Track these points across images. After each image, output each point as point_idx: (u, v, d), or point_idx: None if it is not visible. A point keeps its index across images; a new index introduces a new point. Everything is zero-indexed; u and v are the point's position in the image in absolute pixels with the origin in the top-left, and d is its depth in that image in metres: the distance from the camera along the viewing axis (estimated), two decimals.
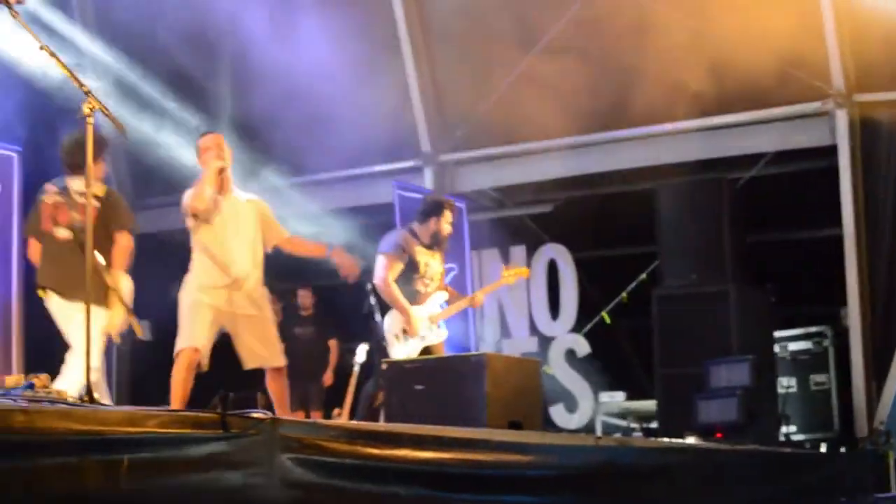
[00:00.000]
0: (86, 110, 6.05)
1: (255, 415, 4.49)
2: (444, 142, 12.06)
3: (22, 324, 9.97)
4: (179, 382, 7.34)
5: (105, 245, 7.38)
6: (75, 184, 7.35)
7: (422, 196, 10.20)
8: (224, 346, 7.74)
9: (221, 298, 7.50)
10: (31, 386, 5.82)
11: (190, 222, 7.60)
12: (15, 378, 6.61)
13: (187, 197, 7.57)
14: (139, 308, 7.67)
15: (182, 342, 7.43)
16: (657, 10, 10.52)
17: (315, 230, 11.24)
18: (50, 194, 7.43)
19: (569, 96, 10.92)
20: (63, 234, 7.41)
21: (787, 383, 10.28)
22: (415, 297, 8.66)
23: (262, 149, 11.55)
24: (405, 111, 11.99)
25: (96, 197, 7.26)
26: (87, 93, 6.06)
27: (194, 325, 7.44)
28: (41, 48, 6.00)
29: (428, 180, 11.95)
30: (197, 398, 10.26)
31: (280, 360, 7.68)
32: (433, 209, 8.88)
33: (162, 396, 7.67)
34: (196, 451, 4.25)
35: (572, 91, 10.90)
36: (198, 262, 7.59)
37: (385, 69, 11.88)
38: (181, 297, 7.57)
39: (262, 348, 7.63)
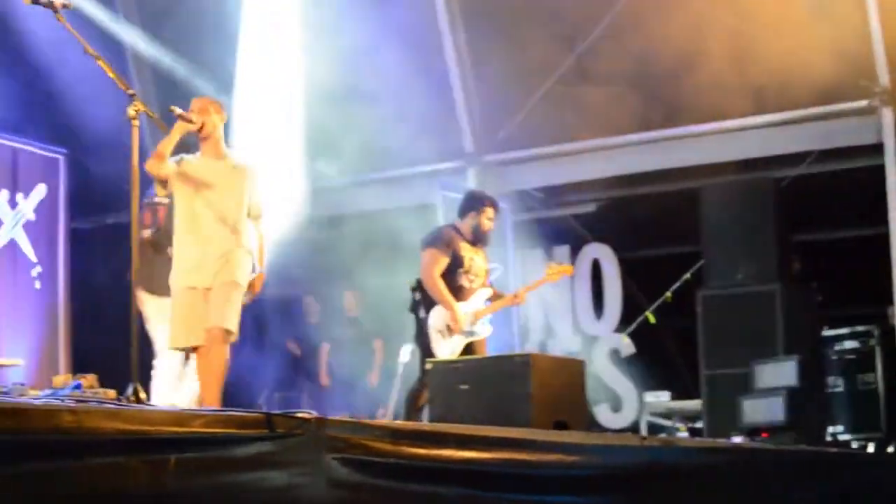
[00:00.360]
0: (131, 113, 6.12)
1: (300, 414, 4.51)
2: (488, 142, 12.05)
3: (69, 324, 10.07)
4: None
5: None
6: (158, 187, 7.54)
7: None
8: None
9: (203, 276, 7.06)
10: (78, 386, 5.89)
11: (160, 190, 7.37)
12: (63, 378, 6.69)
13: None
14: None
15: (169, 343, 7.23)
16: (702, 9, 10.46)
17: (360, 229, 11.32)
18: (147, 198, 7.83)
19: (612, 96, 10.90)
20: (146, 235, 7.72)
21: (833, 383, 10.20)
22: (459, 293, 8.65)
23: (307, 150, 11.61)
24: (449, 111, 12.00)
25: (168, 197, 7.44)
26: (133, 95, 6.13)
27: (174, 324, 7.14)
28: (87, 52, 6.06)
29: (472, 180, 11.95)
30: (243, 394, 10.35)
31: (225, 324, 7.01)
32: (473, 204, 8.89)
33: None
34: (242, 451, 4.27)
35: (616, 90, 10.87)
36: (178, 238, 7.20)
37: (428, 69, 11.89)
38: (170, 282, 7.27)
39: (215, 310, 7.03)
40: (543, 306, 12.25)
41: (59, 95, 10.88)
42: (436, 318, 8.62)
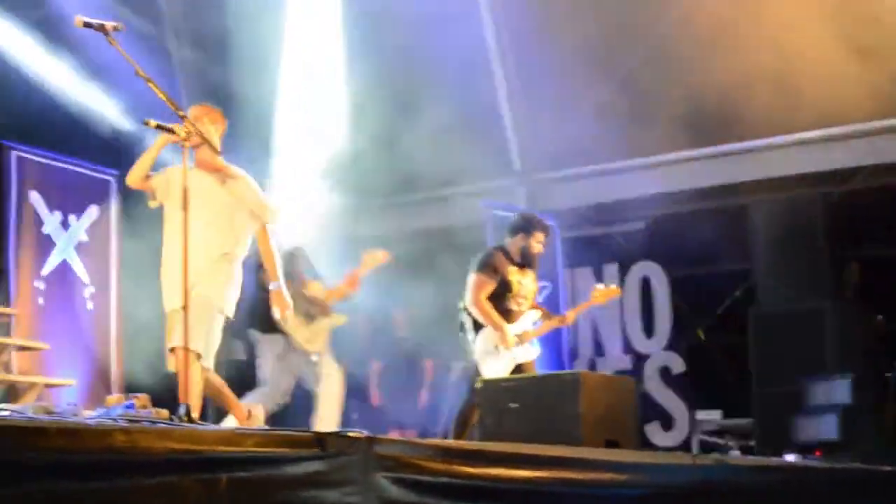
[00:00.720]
0: (182, 134, 6.15)
1: (350, 433, 4.52)
2: (537, 160, 12.04)
3: (122, 344, 10.14)
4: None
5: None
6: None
7: (513, 214, 10.21)
8: None
9: (178, 299, 6.62)
10: (131, 406, 5.92)
11: (151, 202, 7.05)
12: (115, 398, 6.74)
13: None
14: (234, 328, 7.80)
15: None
16: (749, 25, 10.43)
17: (409, 248, 11.33)
18: None
19: (661, 112, 10.86)
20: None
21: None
22: (507, 316, 8.65)
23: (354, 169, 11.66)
24: (497, 130, 12.01)
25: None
26: (183, 117, 6.17)
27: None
28: (138, 74, 6.11)
29: (520, 199, 11.94)
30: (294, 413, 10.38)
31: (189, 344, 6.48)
32: (522, 227, 8.89)
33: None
34: (292, 470, 4.28)
35: (665, 107, 10.84)
36: (165, 253, 6.98)
37: (477, 87, 11.91)
38: None
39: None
40: (593, 325, 12.22)
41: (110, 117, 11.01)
42: (484, 340, 8.62)
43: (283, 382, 8.86)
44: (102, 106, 11.04)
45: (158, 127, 6.49)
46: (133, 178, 6.92)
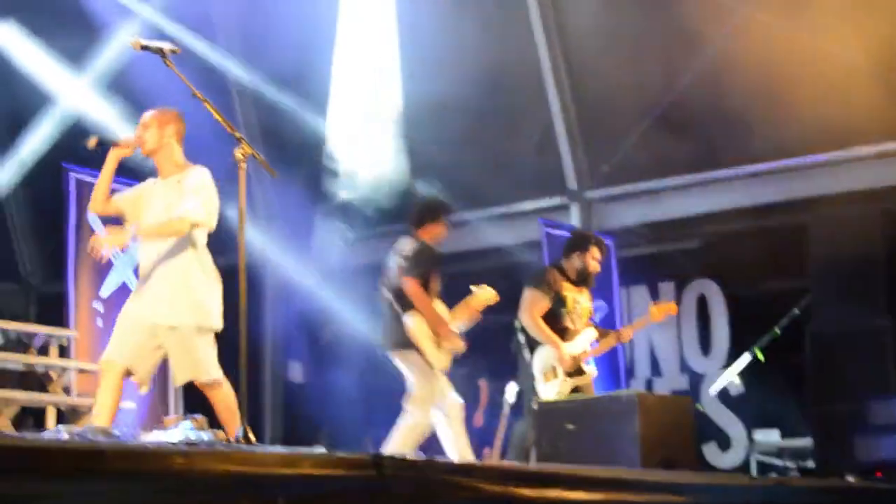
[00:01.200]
0: (238, 156, 6.16)
1: (408, 456, 4.51)
2: (591, 178, 12.02)
3: None
4: (99, 398, 6.46)
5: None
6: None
7: (568, 233, 10.19)
8: None
9: (142, 307, 6.48)
10: (189, 427, 5.95)
11: (127, 227, 6.63)
12: (174, 419, 6.78)
13: None
14: (291, 350, 7.83)
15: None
16: (805, 40, 10.36)
17: (463, 268, 11.33)
18: None
19: (715, 129, 10.81)
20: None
21: None
22: (563, 335, 8.60)
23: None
24: (551, 148, 12.00)
25: None
26: (240, 139, 6.18)
27: (113, 336, 6.57)
28: (195, 95, 6.14)
29: (575, 217, 11.92)
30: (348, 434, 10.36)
31: (207, 375, 6.47)
32: (577, 244, 8.85)
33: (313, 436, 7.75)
34: (350, 493, 4.28)
35: (718, 123, 10.79)
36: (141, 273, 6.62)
37: (530, 106, 11.92)
38: None
39: (188, 361, 6.46)
40: (649, 344, 12.16)
41: None
42: (541, 360, 8.58)
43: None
44: None
45: (101, 144, 6.48)
46: (94, 205, 6.64)
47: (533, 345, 8.58)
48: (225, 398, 6.43)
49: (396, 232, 8.62)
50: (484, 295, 8.49)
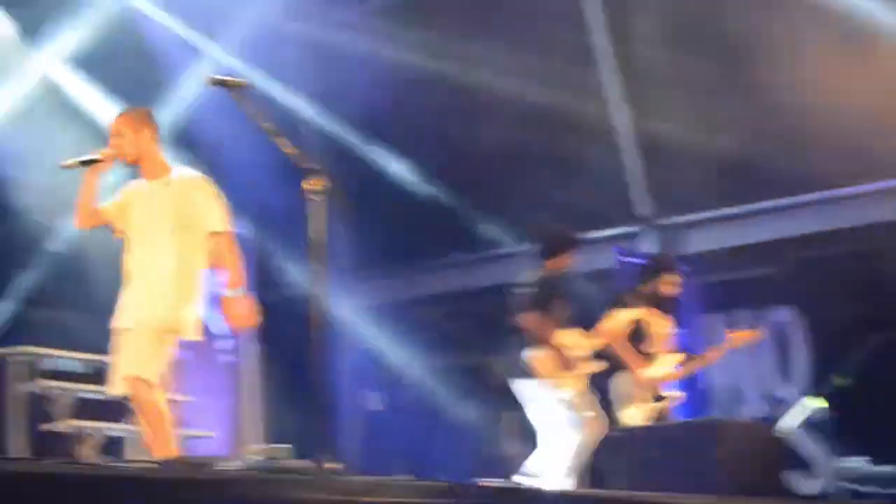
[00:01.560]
0: (308, 188, 6.16)
1: (482, 483, 4.52)
2: (663, 205, 11.97)
3: (264, 395, 10.29)
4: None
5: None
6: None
7: (642, 260, 10.20)
8: None
9: (129, 315, 6.38)
10: (272, 457, 5.99)
11: (118, 235, 6.57)
12: (257, 449, 6.81)
13: None
14: (366, 380, 7.86)
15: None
16: (887, 65, 10.27)
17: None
18: None
19: (791, 154, 10.72)
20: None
21: None
22: (643, 359, 8.58)
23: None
24: (622, 175, 11.97)
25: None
26: (311, 171, 6.20)
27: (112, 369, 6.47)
28: (263, 129, 6.19)
29: (647, 244, 11.87)
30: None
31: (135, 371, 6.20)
32: (653, 269, 8.89)
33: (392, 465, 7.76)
34: None
35: (795, 148, 10.70)
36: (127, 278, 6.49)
37: (599, 132, 11.90)
38: None
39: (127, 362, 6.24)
40: (729, 370, 12.04)
41: (234, 172, 11.23)
42: (621, 384, 8.55)
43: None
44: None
45: (82, 164, 6.39)
46: (79, 221, 6.52)
47: (612, 370, 8.57)
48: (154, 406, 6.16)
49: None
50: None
